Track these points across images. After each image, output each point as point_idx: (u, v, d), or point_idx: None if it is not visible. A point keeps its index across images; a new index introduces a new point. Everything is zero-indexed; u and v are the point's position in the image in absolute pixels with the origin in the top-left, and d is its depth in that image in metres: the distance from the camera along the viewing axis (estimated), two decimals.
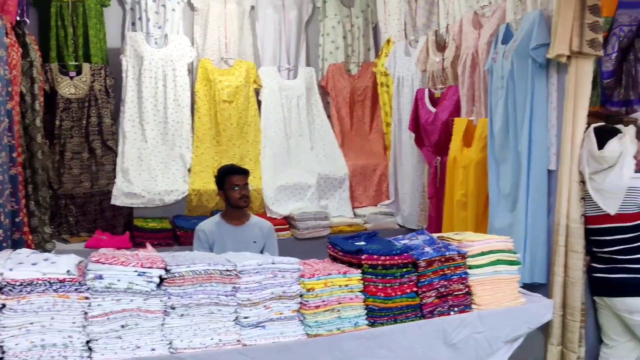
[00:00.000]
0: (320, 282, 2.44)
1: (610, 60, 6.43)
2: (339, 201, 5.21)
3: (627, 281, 2.90)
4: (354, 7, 5.71)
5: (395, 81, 5.02)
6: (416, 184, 4.83)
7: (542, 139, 3.18)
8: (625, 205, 2.85)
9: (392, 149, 5.16)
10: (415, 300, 2.58)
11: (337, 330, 2.43)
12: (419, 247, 2.73)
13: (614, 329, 3.06)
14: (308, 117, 5.36)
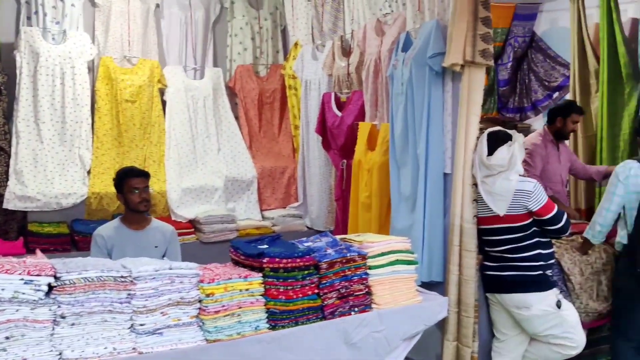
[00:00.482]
0: (220, 287, 2.42)
1: (506, 69, 6.84)
2: (247, 204, 5.19)
3: (516, 278, 3.09)
4: (263, 9, 5.71)
5: (303, 84, 5.07)
6: (324, 187, 4.90)
7: (438, 143, 3.32)
8: (513, 207, 3.03)
9: (301, 152, 5.20)
10: (316, 302, 2.61)
11: (238, 335, 2.42)
12: (322, 249, 2.78)
13: (504, 323, 3.24)
14: (215, 118, 5.29)
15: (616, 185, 3.30)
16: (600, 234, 3.40)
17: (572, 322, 3.12)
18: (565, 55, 6.01)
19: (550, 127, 4.34)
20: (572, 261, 3.50)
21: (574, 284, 3.44)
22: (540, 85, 6.67)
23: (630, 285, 3.32)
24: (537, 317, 3.06)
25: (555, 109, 4.44)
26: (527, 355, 3.26)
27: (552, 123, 4.32)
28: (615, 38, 5.03)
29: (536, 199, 3.01)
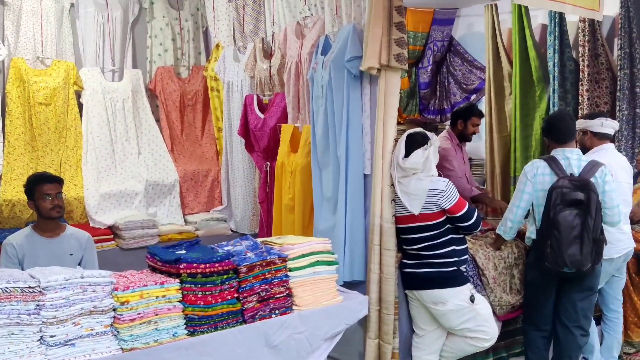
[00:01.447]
0: (136, 294, 2.37)
1: (426, 73, 7.05)
2: (169, 208, 5.09)
3: (432, 275, 3.19)
4: (183, 10, 5.62)
5: (225, 86, 5.03)
6: (248, 189, 4.88)
7: (357, 145, 3.38)
8: (427, 206, 3.13)
9: (224, 154, 5.16)
10: (236, 306, 2.60)
11: (155, 343, 2.38)
12: (242, 253, 2.77)
13: (422, 319, 3.34)
14: (135, 120, 5.15)
15: (525, 184, 3.47)
16: (511, 230, 3.56)
17: (485, 316, 3.26)
18: (481, 59, 6.26)
19: (453, 128, 4.48)
20: (486, 256, 3.65)
21: (488, 279, 3.59)
22: (459, 88, 6.92)
23: (539, 278, 3.50)
24: (452, 311, 3.17)
25: (456, 113, 4.59)
26: (445, 349, 3.37)
27: (455, 125, 4.47)
28: (526, 43, 5.30)
29: (448, 197, 3.12)
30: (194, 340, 2.46)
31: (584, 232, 3.25)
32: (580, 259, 3.26)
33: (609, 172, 3.43)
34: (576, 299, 3.49)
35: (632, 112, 4.94)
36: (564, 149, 3.47)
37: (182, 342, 2.43)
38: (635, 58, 4.88)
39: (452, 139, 4.43)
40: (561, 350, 3.56)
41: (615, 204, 3.40)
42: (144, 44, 5.52)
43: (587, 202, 3.24)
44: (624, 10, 4.84)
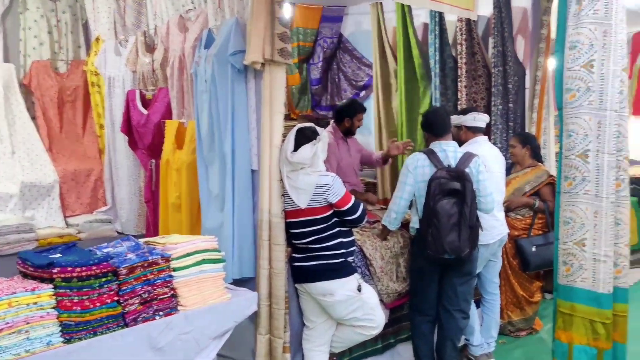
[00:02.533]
0: (4, 303, 2.20)
1: (317, 69, 7.13)
2: (48, 211, 4.78)
3: (320, 267, 3.23)
4: (60, 1, 5.30)
5: (106, 81, 4.81)
6: (133, 188, 4.70)
7: (244, 140, 3.34)
8: (314, 200, 3.17)
9: (107, 152, 4.93)
10: (116, 309, 2.49)
11: (26, 353, 2.22)
12: (122, 254, 2.65)
13: (313, 311, 3.38)
14: (7, 118, 4.79)
15: (407, 176, 3.61)
16: (396, 221, 3.69)
17: (372, 304, 3.35)
18: (369, 56, 6.42)
19: (339, 125, 4.55)
20: (373, 247, 3.75)
21: (376, 268, 3.70)
22: (349, 85, 7.06)
23: (423, 265, 3.65)
24: (340, 302, 3.23)
25: (342, 110, 4.58)
26: (335, 339, 3.43)
27: (341, 122, 4.51)
28: (409, 41, 5.50)
29: (335, 191, 3.18)
30: (71, 348, 2.32)
31: (461, 219, 3.43)
32: (458, 245, 3.43)
33: (482, 162, 3.64)
34: (457, 283, 3.68)
35: (505, 106, 5.28)
36: (440, 142, 3.64)
37: (58, 351, 2.29)
38: (507, 56, 5.22)
39: (336, 134, 4.49)
40: (444, 333, 3.74)
41: (488, 192, 3.61)
42: (17, 36, 5.14)
43: (463, 191, 3.42)
44: (497, 10, 5.16)
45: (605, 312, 2.92)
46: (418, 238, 3.63)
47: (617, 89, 2.80)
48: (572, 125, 2.86)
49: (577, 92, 2.80)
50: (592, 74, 2.77)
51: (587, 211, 2.87)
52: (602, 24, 2.75)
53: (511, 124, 5.30)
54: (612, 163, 2.83)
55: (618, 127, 2.86)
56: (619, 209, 2.96)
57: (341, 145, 4.50)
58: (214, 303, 2.82)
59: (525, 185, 4.58)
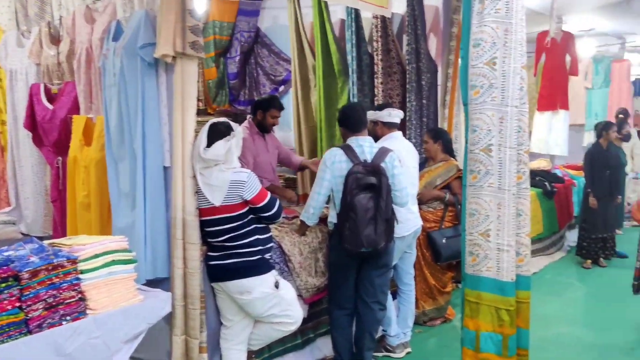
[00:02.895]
0: None
1: (234, 63, 7.03)
2: None
3: (237, 265, 3.18)
4: None
5: (7, 74, 4.51)
6: (39, 187, 4.45)
7: (155, 136, 3.23)
8: (229, 197, 3.11)
9: (10, 150, 4.63)
10: (18, 316, 2.35)
11: None
12: (24, 258, 2.50)
13: (230, 310, 3.33)
14: None
15: (324, 171, 3.63)
16: (314, 216, 3.70)
17: (290, 300, 3.34)
18: (287, 51, 6.40)
19: (254, 119, 4.52)
20: (292, 243, 3.75)
21: (294, 264, 3.70)
22: (267, 79, 7.02)
23: (341, 259, 3.69)
24: (258, 299, 3.21)
25: (257, 103, 4.60)
26: (253, 337, 3.40)
27: (255, 115, 4.50)
28: (327, 37, 5.52)
29: (250, 188, 3.13)
30: None
31: (378, 213, 3.49)
32: (375, 238, 3.49)
33: (397, 157, 3.72)
34: (374, 276, 3.75)
35: (420, 103, 5.42)
36: (357, 137, 3.69)
37: None
38: (420, 53, 5.35)
39: (252, 128, 4.44)
40: (363, 326, 3.80)
41: (403, 186, 3.69)
42: None
43: (379, 186, 3.48)
44: (410, 8, 5.28)
45: (509, 299, 3.06)
46: (336, 232, 3.66)
47: (518, 86, 2.93)
48: (477, 120, 2.97)
49: (480, 88, 2.91)
50: (495, 71, 2.89)
51: (491, 203, 2.99)
52: (504, 23, 2.87)
53: (425, 119, 5.46)
54: (514, 157, 2.96)
55: (519, 122, 2.99)
56: (520, 201, 3.10)
57: (257, 140, 4.46)
58: (126, 305, 2.72)
59: (437, 179, 4.72)
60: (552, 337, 4.61)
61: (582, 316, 5.31)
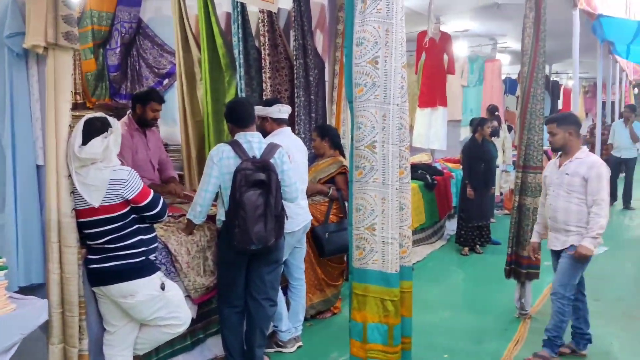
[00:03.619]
0: None
1: (115, 55, 6.70)
2: None
3: (119, 268, 3.03)
4: None
5: None
6: None
7: (26, 133, 2.99)
8: (109, 197, 2.95)
9: None
10: None
11: None
12: None
13: (113, 315, 3.17)
14: None
15: (211, 168, 3.56)
16: (201, 214, 3.62)
17: (177, 302, 3.25)
18: (171, 43, 6.20)
19: (133, 114, 4.34)
20: (179, 242, 3.64)
21: (182, 264, 3.60)
22: (150, 72, 6.76)
23: (230, 257, 3.65)
24: (143, 302, 3.08)
25: (135, 97, 4.41)
26: (139, 341, 3.26)
27: (134, 110, 4.33)
28: (212, 30, 5.41)
29: (131, 186, 3.00)
30: None
31: (267, 210, 3.48)
32: (265, 235, 3.48)
33: (286, 153, 3.73)
34: (264, 272, 3.74)
35: (308, 98, 5.48)
36: (245, 133, 3.65)
37: None
38: (307, 49, 5.41)
39: (131, 124, 4.24)
40: (253, 323, 3.77)
41: (292, 181, 3.72)
42: None
43: (268, 182, 3.47)
44: (296, 4, 5.31)
45: (394, 290, 3.17)
46: (225, 230, 3.61)
47: (399, 85, 3.04)
48: (361, 117, 3.04)
49: (364, 86, 2.99)
50: (377, 69, 2.97)
51: (376, 198, 3.08)
52: (385, 23, 2.96)
53: (313, 115, 5.53)
54: (396, 153, 3.07)
55: (400, 119, 3.10)
56: (402, 195, 3.22)
57: (137, 137, 4.26)
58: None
59: (320, 173, 4.79)
60: (435, 322, 4.86)
61: (461, 301, 5.64)
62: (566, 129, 4.06)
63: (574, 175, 4.01)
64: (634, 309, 5.27)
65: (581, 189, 3.98)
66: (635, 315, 5.11)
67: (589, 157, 4.05)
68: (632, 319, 5.01)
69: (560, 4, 6.96)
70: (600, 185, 3.93)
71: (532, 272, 4.91)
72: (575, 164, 4.04)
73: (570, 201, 4.02)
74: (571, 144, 4.08)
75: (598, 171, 3.95)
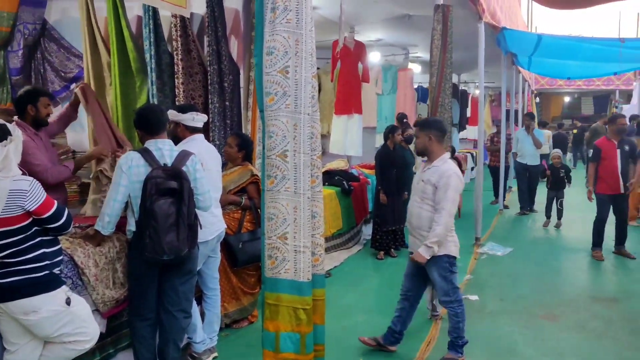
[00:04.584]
0: None
1: (17, 57, 6.35)
2: None
3: (20, 283, 2.85)
4: None
5: None
6: None
7: None
8: (8, 209, 2.78)
9: None
10: None
11: None
12: None
13: (13, 333, 2.98)
14: None
15: (120, 176, 3.44)
16: (109, 225, 3.48)
17: (84, 317, 3.10)
18: (79, 46, 5.97)
19: (24, 118, 3.96)
20: (86, 254, 3.49)
21: (89, 277, 3.45)
22: (56, 76, 6.46)
23: (141, 269, 3.53)
24: (46, 319, 2.92)
25: (20, 99, 3.97)
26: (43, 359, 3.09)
27: (25, 113, 3.93)
28: (123, 33, 5.25)
29: (33, 197, 2.84)
30: None
31: (180, 219, 3.40)
32: (177, 245, 3.40)
33: (199, 160, 3.67)
34: (177, 283, 3.65)
35: (223, 104, 5.42)
36: (156, 140, 3.56)
37: None
38: (222, 55, 5.35)
39: (26, 129, 3.93)
40: (166, 335, 3.67)
41: (206, 189, 3.66)
42: None
43: (180, 190, 3.40)
44: (210, 9, 5.25)
45: (306, 298, 3.18)
46: (135, 240, 3.49)
47: (309, 94, 3.06)
48: (272, 127, 3.04)
49: (275, 95, 2.99)
50: (288, 79, 2.98)
51: (288, 207, 3.09)
52: (295, 33, 2.97)
53: (229, 121, 5.48)
54: (307, 162, 3.09)
55: (311, 129, 3.13)
56: (314, 203, 3.24)
57: (37, 140, 3.99)
58: None
59: (230, 184, 4.73)
60: (350, 326, 4.93)
61: (377, 304, 5.75)
62: (427, 134, 4.09)
63: (427, 183, 4.04)
64: (536, 306, 5.59)
65: (433, 196, 4.02)
66: (537, 312, 5.41)
67: (443, 165, 4.05)
68: (534, 317, 5.30)
69: (467, 17, 7.31)
70: (446, 195, 3.96)
71: None
72: (432, 171, 4.06)
73: (422, 207, 4.08)
74: (431, 148, 4.09)
75: (447, 181, 3.96)
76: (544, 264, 7.28)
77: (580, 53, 9.77)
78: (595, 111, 23.71)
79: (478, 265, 7.16)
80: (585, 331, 4.95)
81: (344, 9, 5.98)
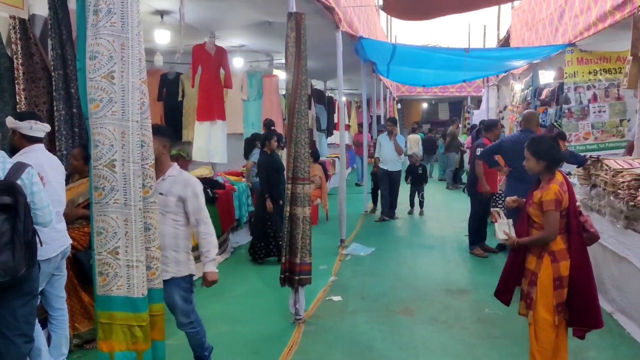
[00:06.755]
0: None
1: None
2: None
3: None
4: None
5: None
6: None
7: None
8: None
9: None
10: None
11: None
12: None
13: None
14: None
15: None
16: None
17: None
18: None
19: None
20: None
21: None
22: None
23: None
24: None
25: None
26: None
27: None
28: None
29: None
30: None
31: (15, 236, 3.14)
32: (13, 265, 3.13)
33: (36, 173, 3.41)
34: (16, 306, 3.36)
35: (70, 112, 5.10)
36: None
37: None
38: (67, 59, 5.04)
39: None
40: None
41: (45, 204, 3.41)
42: None
43: (15, 206, 3.14)
44: (52, 12, 4.93)
45: (142, 315, 3.04)
46: None
47: (138, 101, 2.95)
48: (98, 135, 2.89)
49: (100, 102, 2.85)
50: (114, 85, 2.85)
51: (118, 220, 2.95)
52: (120, 37, 2.85)
53: (77, 129, 5.17)
54: (138, 172, 2.96)
55: (142, 136, 3.01)
56: (148, 215, 3.10)
57: None
58: None
59: (79, 197, 4.48)
60: (212, 337, 4.82)
61: (241, 313, 5.70)
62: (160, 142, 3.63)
63: (169, 195, 3.69)
64: (395, 302, 5.85)
65: (177, 209, 3.73)
66: (396, 308, 5.67)
67: (181, 175, 3.78)
68: (392, 313, 5.55)
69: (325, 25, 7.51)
70: (200, 203, 3.75)
71: (304, 277, 5.17)
72: (169, 182, 3.72)
73: (165, 223, 3.67)
74: (162, 158, 3.68)
75: (194, 190, 3.74)
76: (402, 262, 7.66)
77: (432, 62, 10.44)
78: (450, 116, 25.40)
79: (342, 266, 7.37)
80: (438, 323, 5.26)
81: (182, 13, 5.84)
